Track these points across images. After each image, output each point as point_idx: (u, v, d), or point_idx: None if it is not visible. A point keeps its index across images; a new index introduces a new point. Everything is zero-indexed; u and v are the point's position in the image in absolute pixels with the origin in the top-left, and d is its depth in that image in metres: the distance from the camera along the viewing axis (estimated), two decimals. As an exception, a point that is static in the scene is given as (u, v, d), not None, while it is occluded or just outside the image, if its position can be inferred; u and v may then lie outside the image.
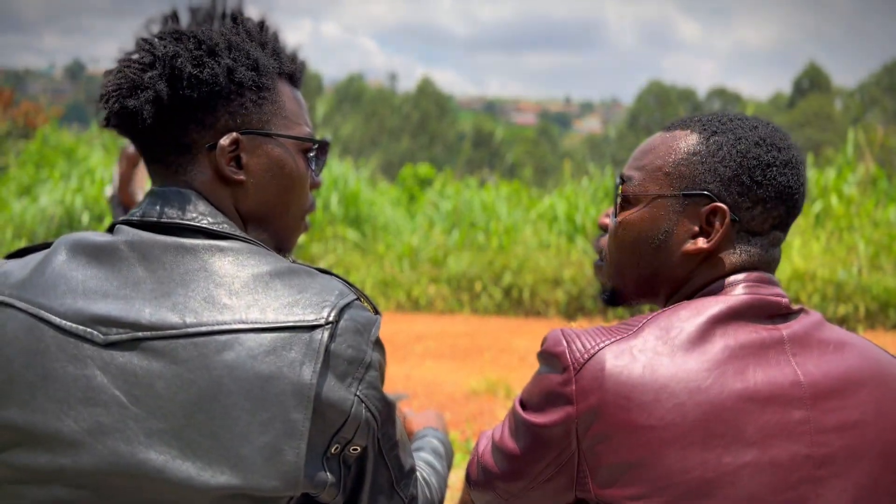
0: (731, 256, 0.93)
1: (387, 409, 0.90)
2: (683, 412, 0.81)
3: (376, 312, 0.91)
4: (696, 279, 0.95)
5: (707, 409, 0.81)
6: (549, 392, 0.87)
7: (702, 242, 0.93)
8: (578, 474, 0.86)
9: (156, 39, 0.91)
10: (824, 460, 0.83)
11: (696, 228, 0.93)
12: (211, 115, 0.91)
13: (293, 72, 1.01)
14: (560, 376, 0.86)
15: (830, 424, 0.85)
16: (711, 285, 0.93)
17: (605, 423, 0.82)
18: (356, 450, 0.87)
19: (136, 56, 0.90)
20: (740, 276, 0.92)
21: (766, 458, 0.81)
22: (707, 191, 0.92)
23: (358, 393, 0.84)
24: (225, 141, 0.91)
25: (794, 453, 0.82)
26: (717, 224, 0.92)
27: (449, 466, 1.17)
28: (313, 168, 1.01)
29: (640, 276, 0.99)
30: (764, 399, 0.83)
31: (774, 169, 0.92)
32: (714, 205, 0.92)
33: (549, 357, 0.88)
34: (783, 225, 0.95)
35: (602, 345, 0.86)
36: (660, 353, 0.84)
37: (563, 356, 0.86)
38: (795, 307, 0.92)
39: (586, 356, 0.85)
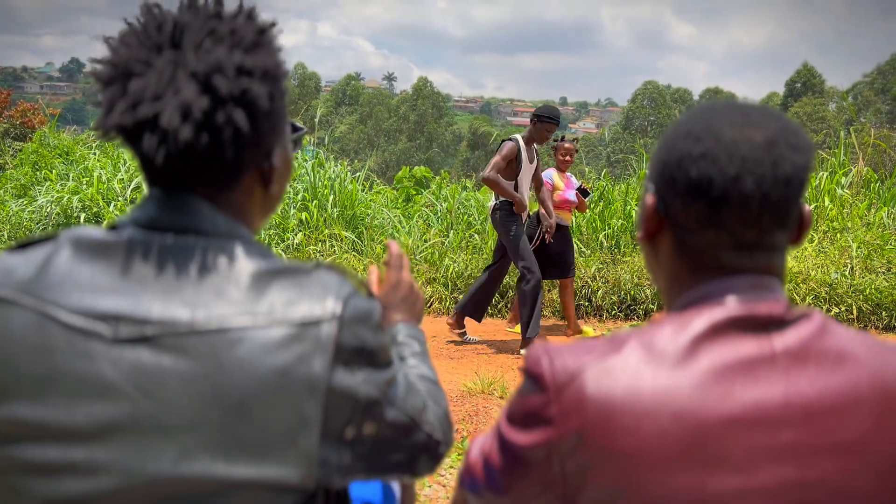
0: (674, 254, 0.93)
1: (390, 378, 0.92)
2: (666, 437, 0.79)
3: (371, 296, 0.94)
4: (661, 273, 0.97)
5: (690, 434, 0.79)
6: (530, 413, 0.86)
7: (640, 232, 0.96)
8: (564, 495, 0.84)
9: (228, 71, 0.85)
10: (815, 484, 0.80)
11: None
12: (267, 138, 0.93)
13: None
14: (541, 398, 0.85)
15: (823, 445, 0.80)
16: (698, 290, 0.89)
17: (587, 448, 0.81)
18: (371, 428, 0.89)
19: (192, 87, 0.84)
20: (730, 283, 0.88)
21: (752, 483, 0.79)
22: (651, 183, 0.95)
23: (365, 378, 0.87)
24: (277, 161, 0.95)
25: (783, 477, 0.79)
26: (648, 215, 0.94)
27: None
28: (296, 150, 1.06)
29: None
30: (751, 421, 0.79)
31: (686, 161, 0.88)
32: (647, 195, 0.94)
33: (530, 376, 0.87)
34: (717, 223, 0.88)
35: (583, 364, 0.84)
36: (642, 374, 0.82)
37: (543, 377, 0.85)
38: (795, 313, 0.86)
39: (566, 377, 0.83)
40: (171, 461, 0.80)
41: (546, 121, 5.23)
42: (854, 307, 6.37)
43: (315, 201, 8.62)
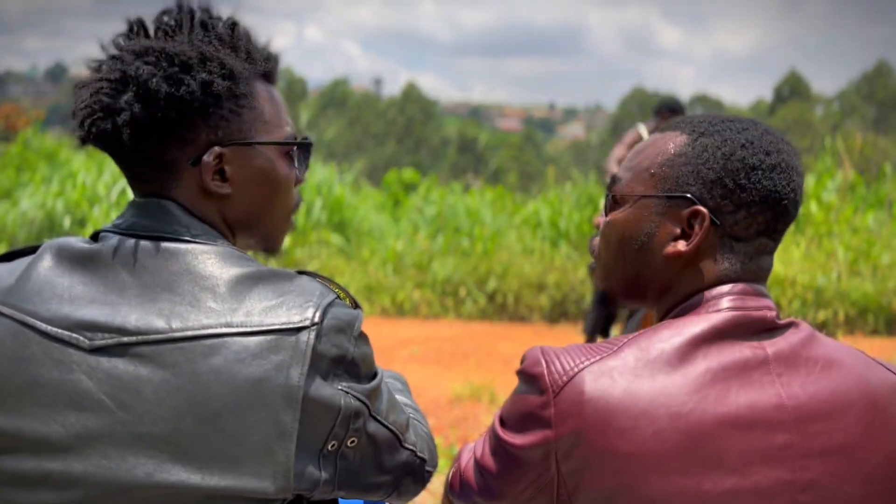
0: (715, 262, 0.91)
1: (373, 390, 0.90)
2: (663, 438, 0.80)
3: (356, 306, 0.92)
4: (681, 285, 0.93)
5: (687, 436, 0.80)
6: (527, 414, 0.86)
7: (682, 245, 0.91)
8: (558, 497, 0.84)
9: (126, 56, 0.89)
10: (807, 486, 0.81)
11: (678, 231, 0.91)
12: (191, 131, 0.90)
13: (268, 70, 0.99)
14: (539, 398, 0.84)
15: (815, 449, 0.82)
16: (695, 297, 0.90)
17: (584, 449, 0.81)
18: (353, 442, 0.88)
19: (107, 75, 0.89)
20: (725, 289, 0.89)
21: (747, 484, 0.80)
22: (689, 193, 0.90)
23: (345, 389, 0.86)
24: (208, 157, 0.91)
25: (775, 479, 0.81)
26: (697, 227, 0.90)
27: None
28: (297, 167, 1.01)
29: (626, 278, 0.98)
30: (746, 424, 0.81)
31: (760, 172, 0.89)
32: (695, 207, 0.90)
33: (528, 377, 0.87)
34: (771, 231, 0.91)
35: (581, 366, 0.84)
36: (640, 375, 0.82)
37: (542, 378, 0.85)
38: (784, 321, 0.89)
39: (565, 378, 0.83)
40: (146, 472, 0.79)
41: (677, 112, 4.95)
42: (841, 312, 6.41)
43: (302, 205, 8.59)
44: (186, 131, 0.90)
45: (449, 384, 4.64)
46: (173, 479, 0.79)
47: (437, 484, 3.03)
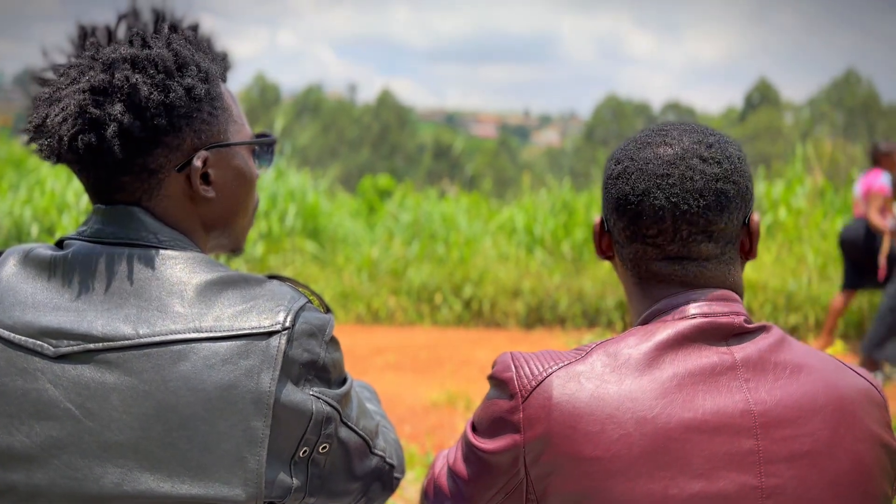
0: (620, 268, 0.99)
1: (343, 395, 0.90)
2: (630, 443, 0.81)
3: (327, 310, 0.92)
4: (621, 285, 1.02)
5: (653, 440, 0.81)
6: (497, 418, 0.87)
7: (595, 249, 1.03)
8: (528, 502, 0.85)
9: (105, 64, 0.86)
10: (773, 491, 0.82)
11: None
12: (176, 136, 0.89)
13: (226, 69, 1.00)
14: (508, 403, 0.86)
15: (781, 454, 0.83)
16: (660, 303, 0.92)
17: (552, 454, 0.82)
18: (325, 448, 0.87)
19: (87, 86, 0.85)
20: (693, 295, 0.91)
21: (713, 489, 0.81)
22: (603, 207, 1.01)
23: (314, 393, 0.85)
24: (198, 162, 0.91)
25: (741, 484, 0.81)
26: (595, 233, 1.02)
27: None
28: (263, 164, 1.03)
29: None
30: (712, 429, 0.82)
31: (610, 182, 0.96)
32: (596, 216, 1.02)
33: (498, 382, 0.88)
34: (643, 237, 0.92)
35: (550, 371, 0.85)
36: (607, 380, 0.84)
37: (511, 383, 0.86)
38: (754, 325, 0.90)
39: (534, 383, 0.85)
40: (114, 481, 0.78)
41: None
42: (811, 316, 6.49)
43: (275, 210, 8.52)
44: (173, 138, 0.89)
45: (425, 391, 4.62)
46: (142, 487, 0.78)
47: (412, 492, 3.01)
